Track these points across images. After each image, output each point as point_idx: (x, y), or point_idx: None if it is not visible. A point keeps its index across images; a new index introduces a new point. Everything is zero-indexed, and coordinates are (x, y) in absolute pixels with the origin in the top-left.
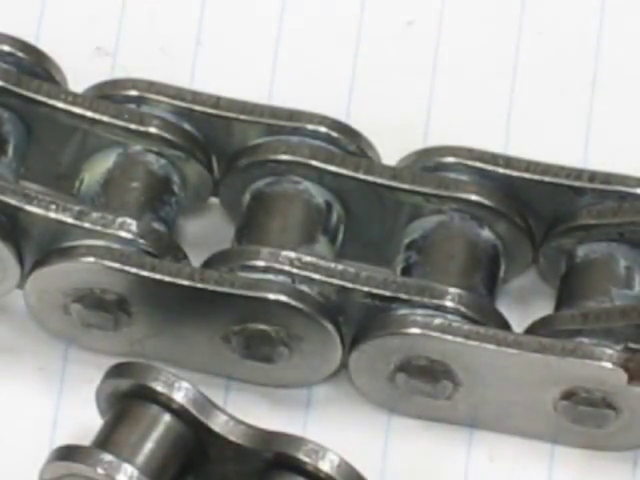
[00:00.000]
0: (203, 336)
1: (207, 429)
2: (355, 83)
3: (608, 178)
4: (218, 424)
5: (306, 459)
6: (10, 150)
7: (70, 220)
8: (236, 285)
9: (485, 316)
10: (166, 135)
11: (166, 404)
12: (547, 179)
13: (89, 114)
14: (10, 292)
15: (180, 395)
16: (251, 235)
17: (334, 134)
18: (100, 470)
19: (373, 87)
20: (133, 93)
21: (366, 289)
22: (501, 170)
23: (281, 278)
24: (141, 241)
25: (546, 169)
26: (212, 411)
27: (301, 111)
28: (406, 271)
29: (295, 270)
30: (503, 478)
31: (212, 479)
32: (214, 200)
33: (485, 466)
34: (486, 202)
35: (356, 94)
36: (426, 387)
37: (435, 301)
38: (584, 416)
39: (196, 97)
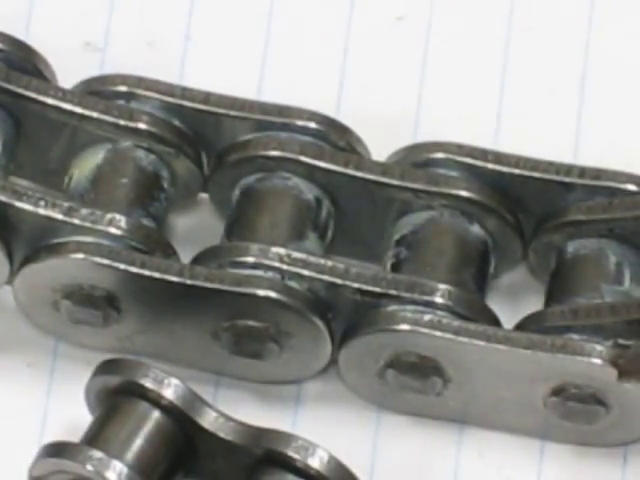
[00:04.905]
0: (192, 332)
1: (196, 426)
2: (345, 79)
3: (598, 174)
4: (207, 421)
5: (296, 456)
6: None
7: (59, 216)
8: (225, 281)
9: (475, 312)
10: (155, 131)
11: (155, 401)
12: (537, 175)
13: (78, 110)
14: None
15: (169, 392)
16: (241, 231)
17: (324, 130)
18: (89, 467)
19: (363, 83)
20: (122, 89)
21: (356, 285)
22: (491, 166)
23: (270, 274)
24: (130, 237)
25: (536, 165)
26: (201, 408)
27: (291, 107)
28: (396, 267)
29: (284, 266)
30: (493, 474)
31: (202, 475)
32: (204, 196)
33: (475, 462)
34: (476, 198)
35: (346, 90)
36: (416, 383)
37: (425, 297)
38: (574, 412)
39: (185, 93)
